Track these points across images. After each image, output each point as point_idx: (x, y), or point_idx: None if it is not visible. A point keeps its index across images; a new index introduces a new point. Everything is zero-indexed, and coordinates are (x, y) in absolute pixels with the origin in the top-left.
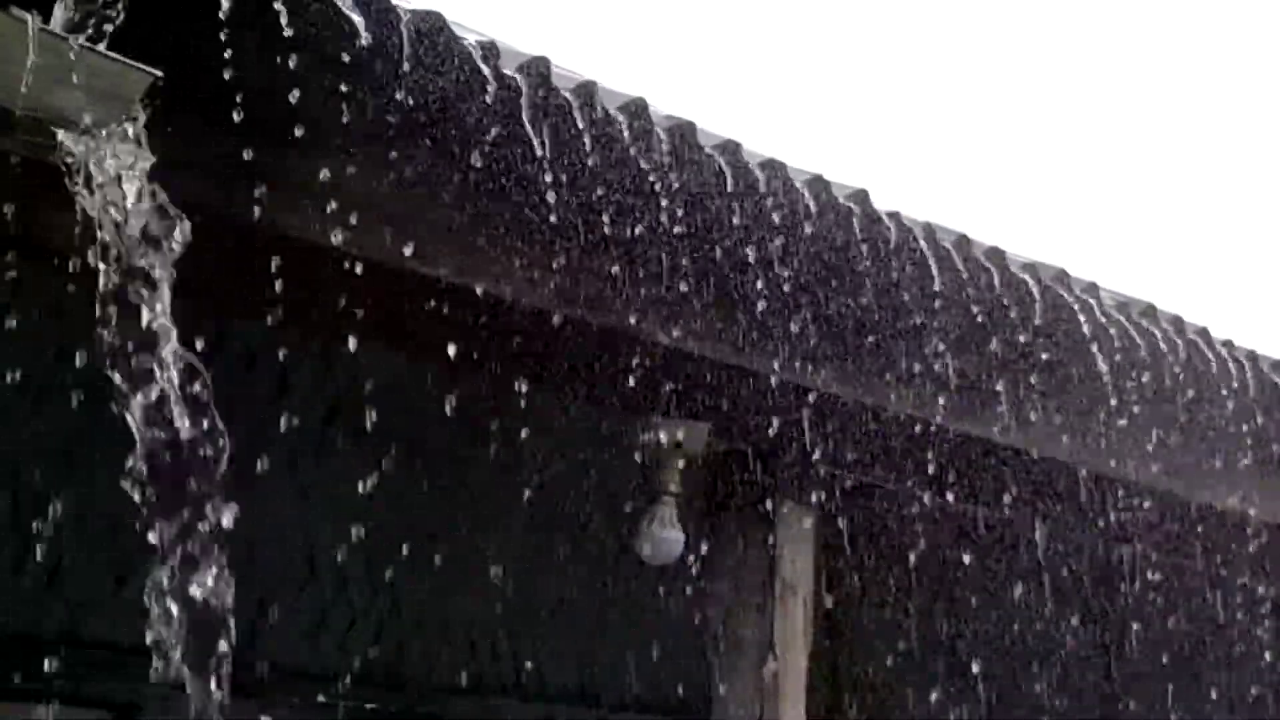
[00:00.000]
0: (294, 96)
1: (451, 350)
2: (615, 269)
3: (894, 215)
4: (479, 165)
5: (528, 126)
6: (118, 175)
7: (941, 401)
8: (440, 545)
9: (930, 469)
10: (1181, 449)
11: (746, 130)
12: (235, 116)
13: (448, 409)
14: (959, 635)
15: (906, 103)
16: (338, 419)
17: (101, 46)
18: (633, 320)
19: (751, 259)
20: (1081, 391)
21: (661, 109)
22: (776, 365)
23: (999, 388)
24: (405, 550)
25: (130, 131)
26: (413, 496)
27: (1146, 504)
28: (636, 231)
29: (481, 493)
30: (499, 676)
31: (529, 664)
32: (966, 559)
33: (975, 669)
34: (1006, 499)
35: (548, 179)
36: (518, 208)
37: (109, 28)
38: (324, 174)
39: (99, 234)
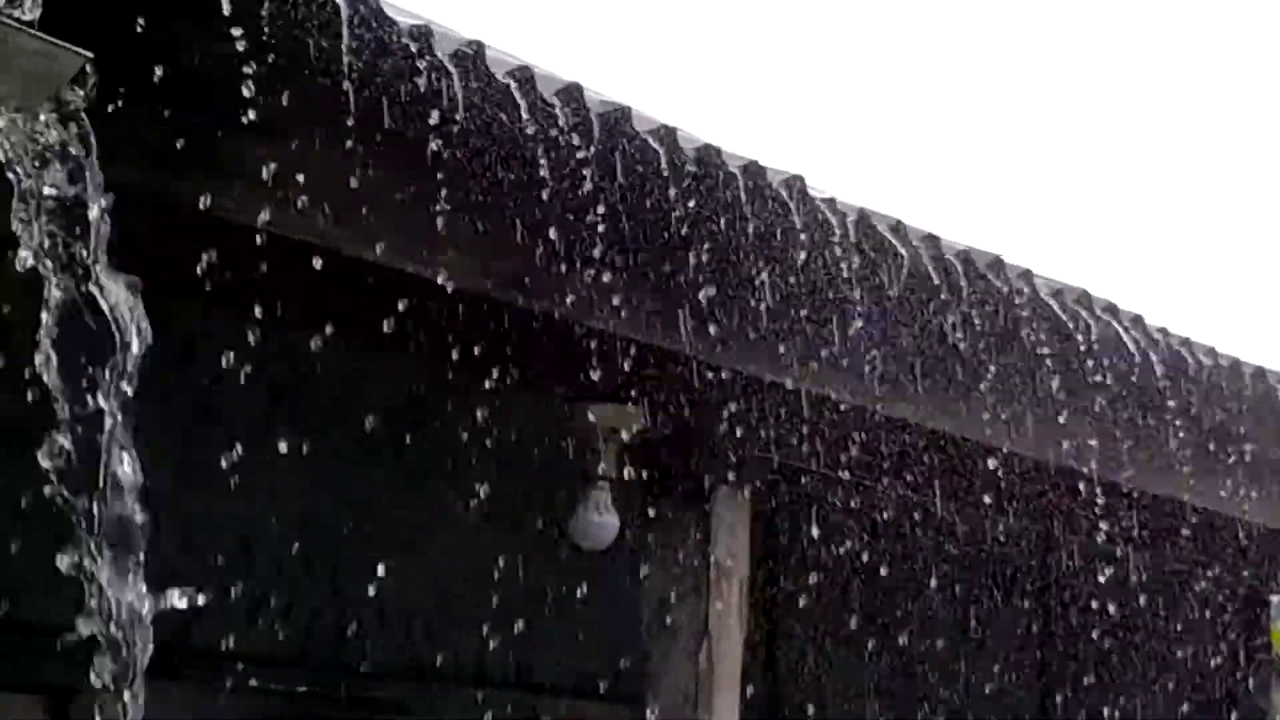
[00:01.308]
0: (232, 79)
1: (389, 335)
2: (551, 254)
3: (829, 201)
4: (415, 149)
5: (462, 111)
6: (49, 158)
7: (875, 387)
8: (377, 530)
9: (864, 454)
10: (1116, 436)
11: (729, 130)
12: (173, 100)
13: (386, 393)
14: (895, 617)
15: (902, 108)
16: (276, 403)
17: (32, 27)
18: (568, 305)
19: (687, 244)
20: (1014, 377)
21: (598, 94)
22: (711, 350)
23: (933, 373)
24: (343, 535)
25: (62, 114)
26: (351, 481)
27: (1080, 490)
28: (572, 216)
29: (419, 477)
30: (436, 661)
31: (466, 649)
32: (902, 543)
33: (911, 651)
34: (942, 485)
35: (484, 163)
36: (454, 192)
37: (38, 9)
38: (261, 157)
39: (31, 217)
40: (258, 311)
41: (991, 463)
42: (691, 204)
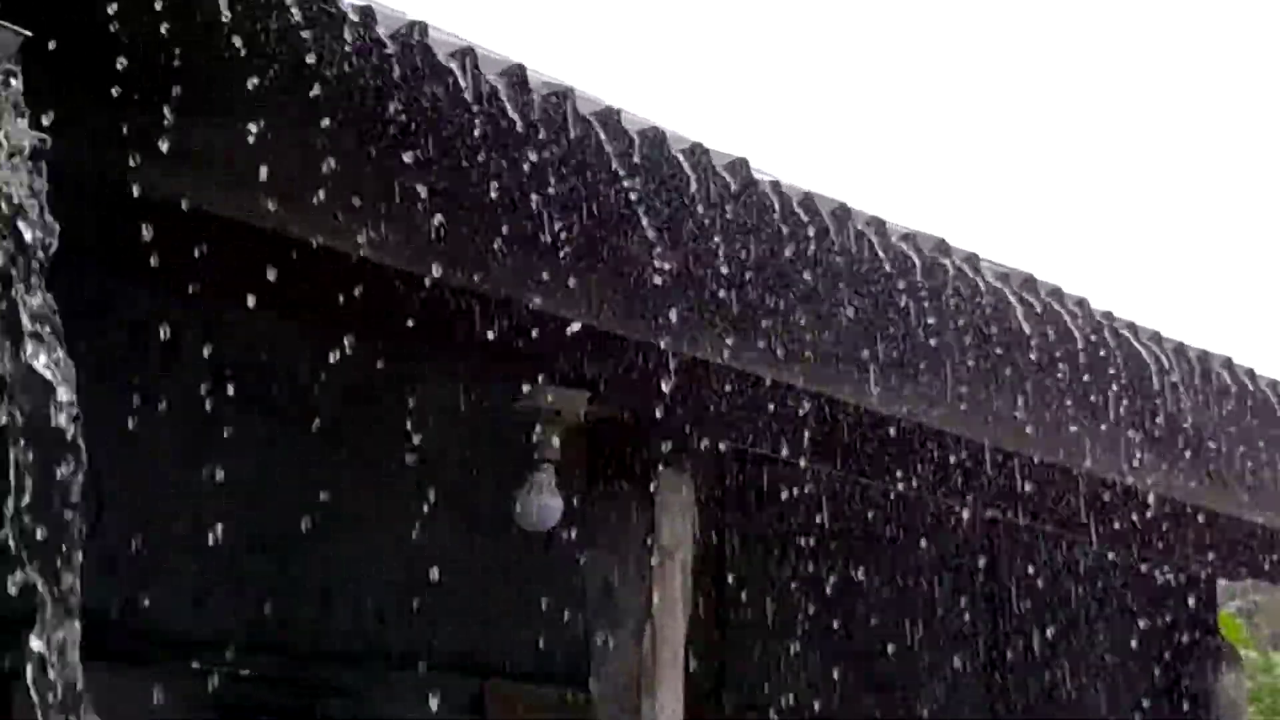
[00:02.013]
0: (175, 61)
1: (337, 318)
2: (495, 236)
3: (774, 184)
4: (361, 132)
5: (405, 91)
6: None
7: (822, 369)
8: (326, 512)
9: (812, 438)
10: (1059, 418)
11: (718, 126)
12: (121, 82)
13: (333, 376)
14: (842, 600)
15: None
16: (224, 385)
17: None
18: (512, 287)
19: (631, 226)
20: (960, 361)
21: (542, 75)
22: (656, 332)
23: (879, 356)
24: (291, 517)
25: (4, 94)
26: (299, 463)
27: (1025, 473)
28: (516, 197)
29: (366, 459)
30: (384, 644)
31: (412, 632)
32: (850, 526)
33: (859, 632)
34: (890, 468)
35: (427, 144)
36: (400, 175)
37: None
38: (209, 140)
39: None
40: (206, 294)
41: (940, 446)
42: (637, 186)
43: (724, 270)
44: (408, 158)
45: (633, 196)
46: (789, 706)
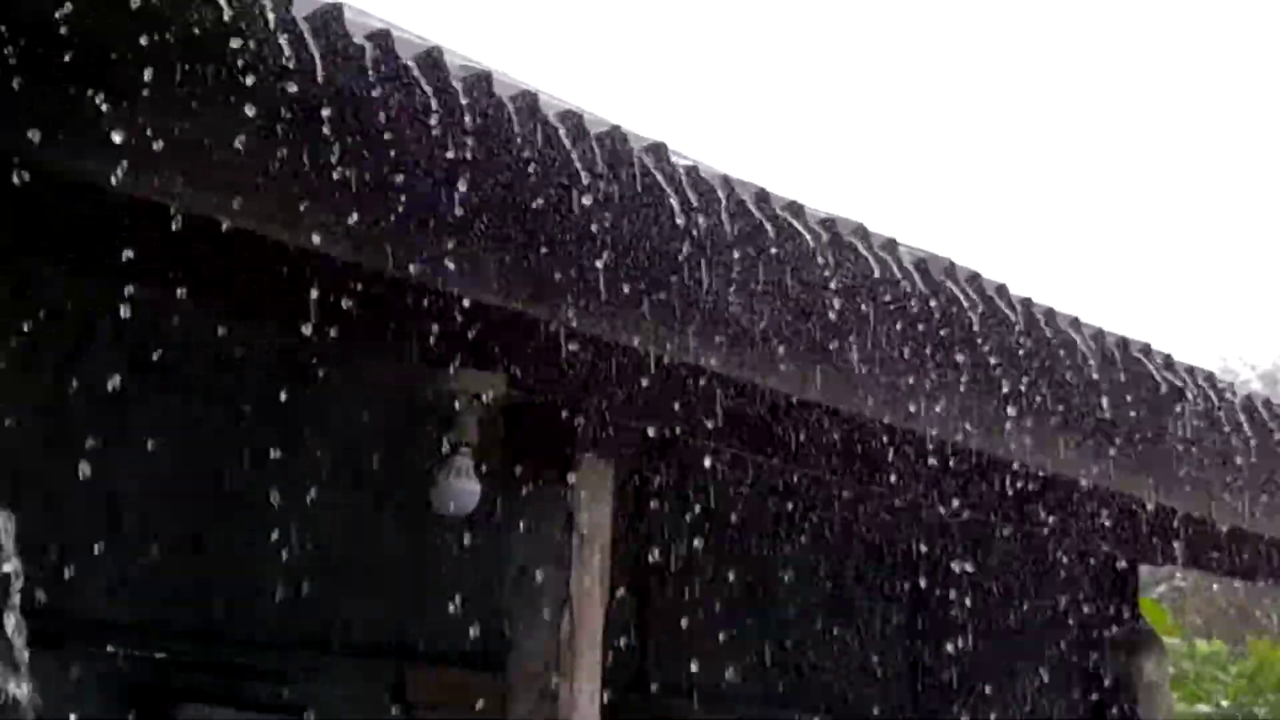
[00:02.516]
0: (94, 41)
1: (253, 301)
2: (412, 221)
3: (692, 170)
4: (272, 113)
5: (320, 76)
6: None
7: (743, 354)
8: (245, 497)
9: (734, 423)
10: (981, 405)
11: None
12: (28, 60)
13: (250, 359)
14: (764, 584)
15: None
16: (140, 370)
17: None
18: (432, 270)
19: (549, 210)
20: (883, 346)
21: (459, 59)
22: (575, 317)
23: (801, 341)
24: (212, 502)
25: None
26: (217, 447)
27: (946, 458)
28: (433, 182)
29: (286, 445)
30: (305, 629)
31: (332, 616)
32: (772, 511)
33: (781, 617)
34: (813, 454)
35: (343, 128)
36: (314, 157)
37: None
38: (121, 120)
39: None
40: (120, 277)
41: (863, 432)
42: (554, 169)
43: (643, 255)
44: (321, 141)
45: (550, 180)
46: (711, 690)
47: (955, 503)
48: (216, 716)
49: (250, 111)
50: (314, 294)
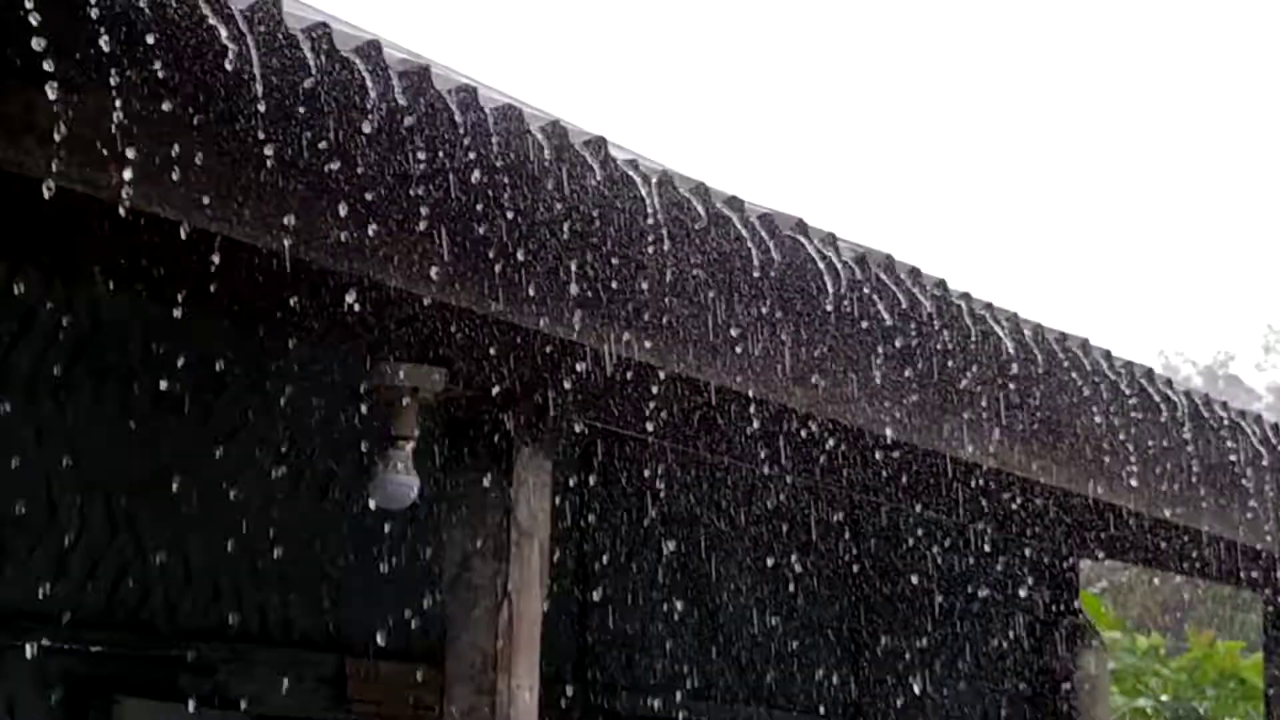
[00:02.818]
0: (24, 30)
1: (192, 293)
2: (349, 212)
3: (632, 162)
4: (211, 106)
5: (256, 67)
6: None
7: (682, 350)
8: (183, 488)
9: (675, 418)
10: (920, 398)
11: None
12: None
13: (189, 351)
14: (707, 579)
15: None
16: (78, 362)
17: None
18: (370, 263)
19: (488, 203)
20: (823, 343)
21: (398, 52)
22: (515, 310)
23: (741, 336)
24: (147, 492)
25: None
26: (155, 439)
27: (887, 454)
28: (371, 174)
29: (224, 436)
30: (243, 621)
31: (271, 608)
32: (715, 506)
33: (721, 612)
34: (755, 449)
35: (281, 121)
36: (251, 149)
37: None
38: (56, 113)
39: None
40: (59, 269)
41: (804, 427)
42: (493, 163)
43: (582, 250)
44: (258, 134)
45: (488, 173)
46: (651, 685)
47: (897, 498)
48: (152, 709)
49: (185, 102)
50: (249, 287)
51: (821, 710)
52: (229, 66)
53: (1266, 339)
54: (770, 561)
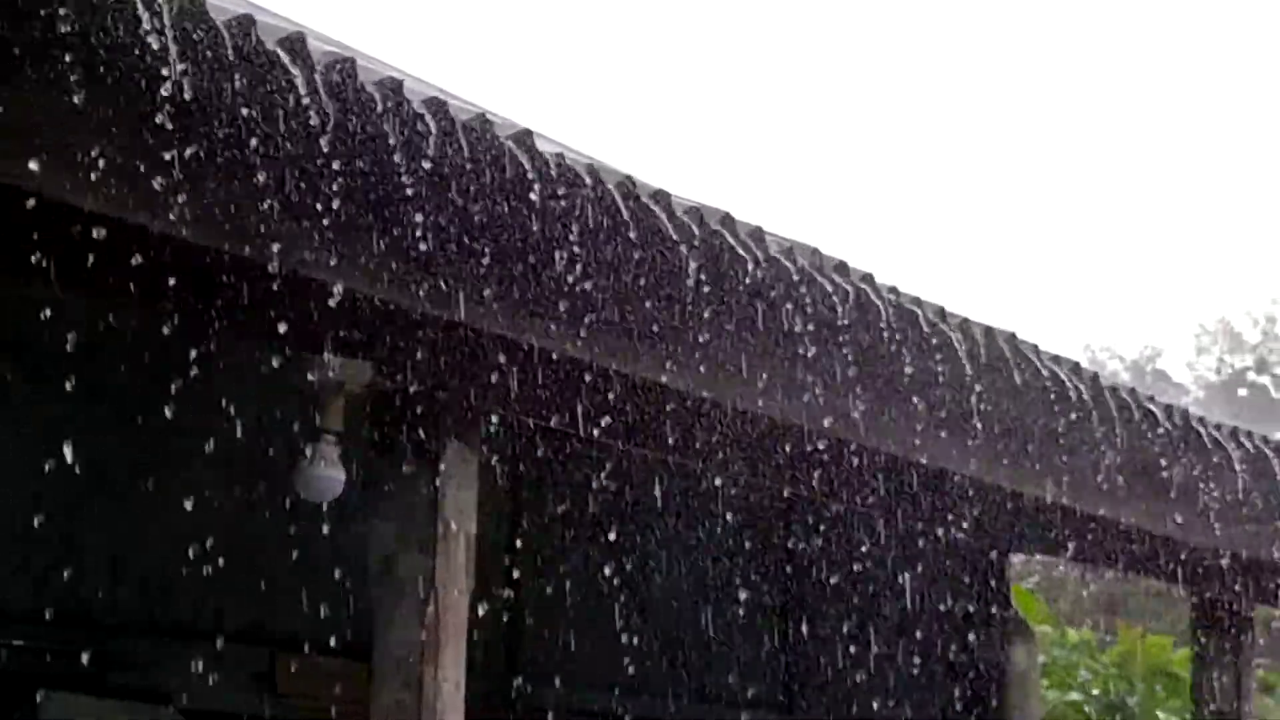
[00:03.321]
0: None
1: (121, 290)
2: (278, 207)
3: (558, 157)
4: (134, 100)
5: (176, 61)
6: None
7: (609, 344)
8: (113, 484)
9: (603, 413)
10: (847, 393)
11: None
12: None
13: (118, 348)
14: (638, 573)
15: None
16: (6, 355)
17: None
18: (297, 258)
19: (415, 198)
20: (751, 336)
21: (324, 46)
22: (442, 305)
23: (668, 331)
24: (77, 489)
25: None
26: (84, 435)
27: (815, 448)
28: (298, 169)
29: (156, 433)
30: (175, 615)
31: (201, 603)
32: (647, 500)
33: (652, 605)
34: (686, 444)
35: (206, 114)
36: (179, 144)
37: None
38: None
39: None
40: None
41: (734, 422)
42: (419, 155)
43: (509, 242)
44: (182, 128)
45: (415, 167)
46: (582, 677)
47: (827, 491)
48: (82, 705)
49: (109, 96)
50: (177, 281)
51: (753, 703)
52: (151, 59)
53: (1199, 340)
54: (702, 555)
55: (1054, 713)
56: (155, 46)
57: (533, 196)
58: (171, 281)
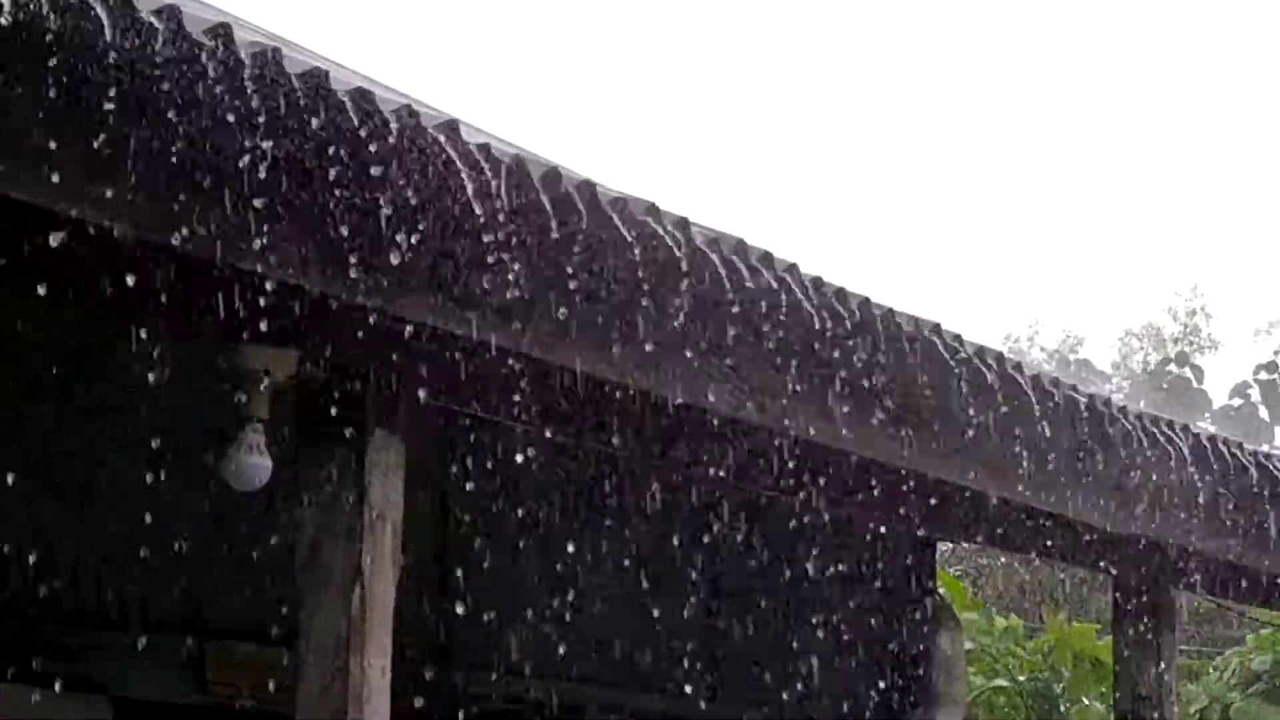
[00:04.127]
0: None
1: (49, 277)
2: (202, 195)
3: (484, 147)
4: (61, 86)
5: (108, 49)
6: None
7: (536, 333)
8: (40, 472)
9: (530, 401)
10: (772, 382)
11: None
12: None
13: (46, 336)
14: (566, 560)
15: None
16: None
17: None
18: (223, 246)
19: (340, 186)
20: (674, 324)
21: (249, 35)
22: (366, 293)
23: (590, 319)
24: (6, 479)
25: None
26: (11, 423)
27: (739, 435)
28: (222, 157)
29: (81, 421)
30: (103, 605)
31: (130, 593)
32: (575, 488)
33: (582, 594)
34: (611, 432)
35: (133, 102)
36: (105, 131)
37: None
38: None
39: None
40: None
41: (658, 409)
42: (345, 144)
43: (434, 232)
44: (109, 115)
45: (341, 156)
46: (512, 666)
47: (755, 480)
48: (10, 694)
49: (35, 83)
50: (109, 271)
51: (680, 688)
52: (77, 46)
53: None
54: (629, 542)
55: (981, 698)
56: (81, 35)
57: (458, 186)
58: (98, 270)
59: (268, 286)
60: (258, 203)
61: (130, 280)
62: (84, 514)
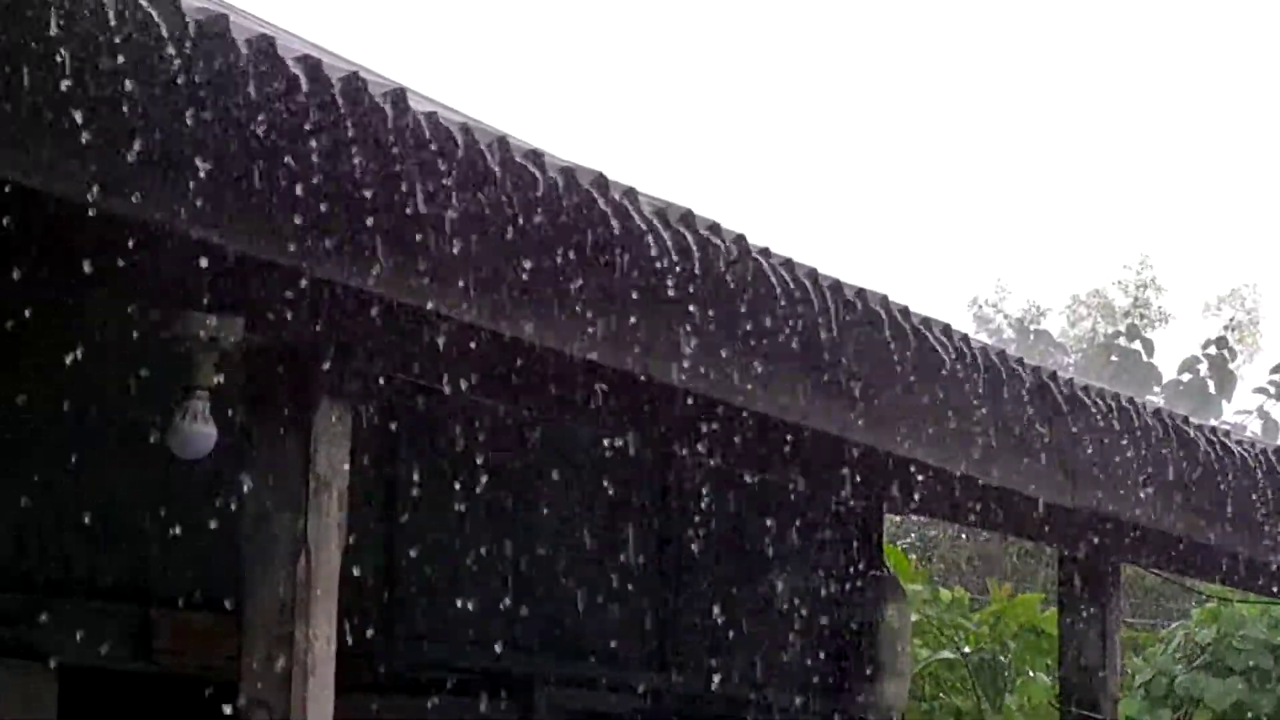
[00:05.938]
0: None
1: None
2: (145, 161)
3: (431, 115)
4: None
5: (53, 17)
6: None
7: (485, 303)
8: None
9: (478, 371)
10: (721, 352)
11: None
12: None
13: None
14: (516, 533)
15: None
16: None
17: None
18: (165, 212)
19: (288, 153)
20: (620, 295)
21: (195, 2)
22: (311, 261)
23: (536, 289)
24: None
25: None
26: None
27: (696, 410)
28: (166, 124)
29: (25, 386)
30: (47, 572)
31: (76, 561)
32: (523, 459)
33: (531, 565)
34: (559, 403)
35: (75, 70)
36: (43, 91)
37: None
38: None
39: None
40: None
41: (606, 380)
42: (291, 112)
43: (380, 200)
44: (52, 83)
45: (286, 124)
46: (459, 637)
47: (702, 452)
48: None
49: None
50: (49, 237)
51: (628, 660)
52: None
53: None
54: (579, 515)
55: (927, 670)
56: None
57: (405, 153)
58: (40, 237)
59: (214, 254)
60: (203, 168)
61: (75, 247)
62: (27, 480)
